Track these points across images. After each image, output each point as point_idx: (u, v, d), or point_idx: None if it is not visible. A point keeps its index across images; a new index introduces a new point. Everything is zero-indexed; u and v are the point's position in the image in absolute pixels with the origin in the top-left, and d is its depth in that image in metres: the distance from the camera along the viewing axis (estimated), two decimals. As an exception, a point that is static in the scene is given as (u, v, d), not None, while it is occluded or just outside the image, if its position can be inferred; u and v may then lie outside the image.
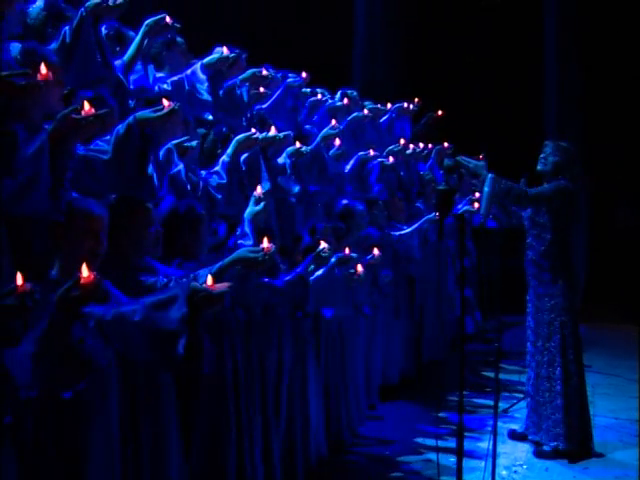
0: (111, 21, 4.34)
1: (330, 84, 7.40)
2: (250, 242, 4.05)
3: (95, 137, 3.30)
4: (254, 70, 5.19)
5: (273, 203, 5.02)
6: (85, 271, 2.58)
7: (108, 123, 3.13)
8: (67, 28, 3.81)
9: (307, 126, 6.13)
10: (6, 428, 2.59)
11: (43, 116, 3.16)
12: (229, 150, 4.48)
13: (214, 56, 4.84)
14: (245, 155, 4.63)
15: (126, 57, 4.33)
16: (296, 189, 5.23)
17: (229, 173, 4.41)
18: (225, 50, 4.92)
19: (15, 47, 3.48)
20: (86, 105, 3.01)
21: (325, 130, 5.63)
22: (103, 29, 4.16)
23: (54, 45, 3.79)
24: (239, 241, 4.07)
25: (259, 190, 4.27)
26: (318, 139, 5.57)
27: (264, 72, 5.17)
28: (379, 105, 7.75)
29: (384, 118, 7.88)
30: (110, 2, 3.85)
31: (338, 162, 5.99)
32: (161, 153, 3.80)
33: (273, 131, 4.81)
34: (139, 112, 3.39)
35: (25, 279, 2.41)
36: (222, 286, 2.85)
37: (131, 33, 4.57)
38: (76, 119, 2.97)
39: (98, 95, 3.69)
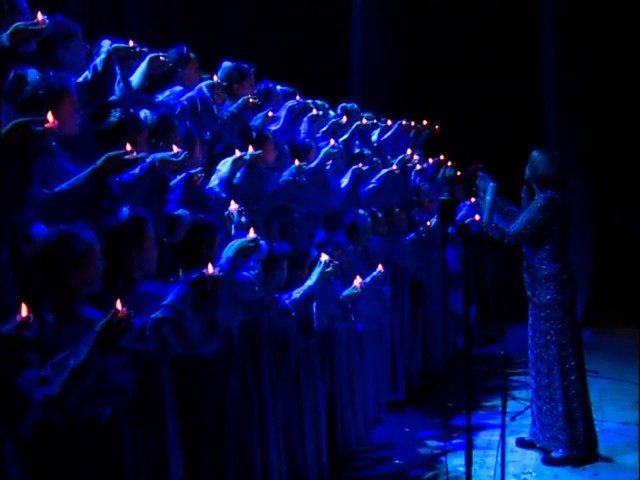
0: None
1: (328, 95, 7.45)
2: (256, 272, 4.22)
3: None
4: (245, 97, 5.40)
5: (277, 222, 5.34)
6: (119, 305, 2.78)
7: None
8: (98, 61, 4.16)
9: (307, 140, 6.19)
10: (24, 445, 2.68)
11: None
12: (226, 169, 4.68)
13: (215, 82, 5.14)
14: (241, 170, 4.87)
15: (134, 86, 4.53)
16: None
17: (228, 190, 4.63)
18: (215, 78, 5.25)
19: (33, 73, 3.58)
20: (128, 147, 3.42)
21: (327, 149, 5.84)
22: (107, 45, 4.43)
23: (87, 74, 4.11)
24: (245, 272, 4.17)
25: (234, 205, 4.40)
26: (321, 156, 5.78)
27: (251, 100, 5.40)
28: (375, 120, 7.86)
29: (389, 133, 7.98)
30: (137, 49, 4.39)
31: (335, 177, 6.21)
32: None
33: (251, 149, 4.96)
34: (160, 154, 3.88)
35: (29, 310, 2.53)
36: (217, 270, 3.47)
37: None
38: (123, 160, 3.40)
39: (131, 114, 4.03)
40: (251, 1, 10.35)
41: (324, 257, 4.78)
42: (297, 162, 5.46)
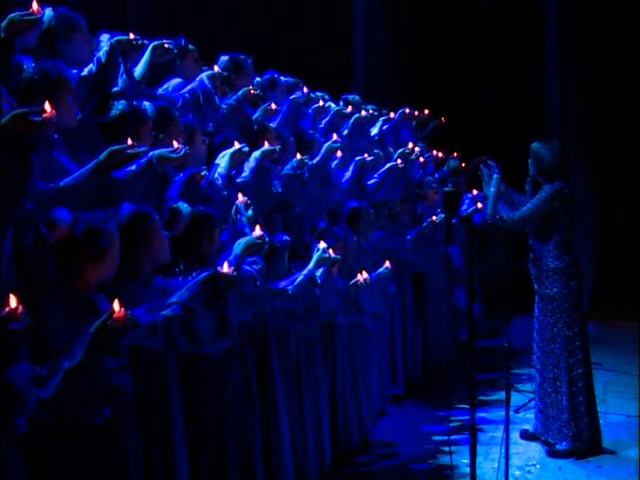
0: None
1: (331, 89, 7.43)
2: (259, 266, 4.17)
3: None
4: (246, 89, 5.35)
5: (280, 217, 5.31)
6: (117, 306, 2.70)
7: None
8: (101, 53, 4.13)
9: (310, 131, 6.17)
10: (19, 438, 2.62)
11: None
12: (225, 164, 4.63)
13: (215, 72, 5.10)
14: (251, 167, 4.83)
15: (136, 77, 4.47)
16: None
17: (227, 186, 4.60)
18: (216, 68, 5.21)
19: (29, 61, 3.57)
20: (129, 141, 3.46)
21: (329, 143, 5.79)
22: (107, 39, 4.48)
23: (92, 67, 4.09)
24: (247, 267, 4.12)
25: (242, 198, 4.32)
26: (323, 151, 5.72)
27: (252, 91, 5.35)
28: (373, 112, 7.84)
29: (386, 126, 7.94)
30: (138, 42, 4.35)
31: (340, 171, 6.16)
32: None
33: (267, 145, 4.93)
34: (158, 151, 3.83)
35: (19, 302, 2.45)
36: (232, 269, 3.48)
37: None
38: (125, 154, 3.43)
39: (134, 107, 4.02)
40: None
41: (322, 244, 4.79)
42: (299, 156, 5.41)
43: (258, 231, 3.98)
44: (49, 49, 4.11)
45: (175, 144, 3.92)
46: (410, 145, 7.34)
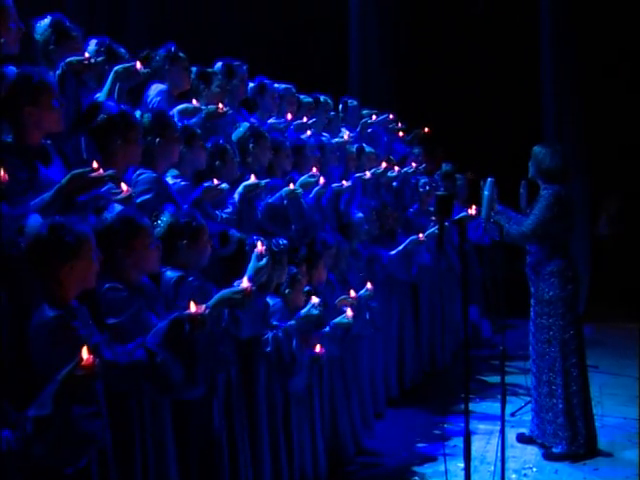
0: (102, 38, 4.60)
1: (325, 94, 7.44)
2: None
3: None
4: (211, 108, 5.10)
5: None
6: (85, 353, 2.63)
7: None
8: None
9: (302, 136, 6.13)
10: None
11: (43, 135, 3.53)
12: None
13: (188, 106, 4.98)
14: (234, 203, 4.71)
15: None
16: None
17: None
18: (195, 102, 5.07)
19: (11, 70, 3.56)
20: (95, 164, 3.32)
21: (303, 178, 5.52)
22: (94, 44, 4.48)
23: None
24: None
25: (260, 247, 4.02)
26: (296, 187, 5.36)
27: (220, 109, 5.08)
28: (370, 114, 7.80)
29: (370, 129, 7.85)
30: (92, 61, 4.06)
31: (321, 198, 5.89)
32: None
33: (253, 178, 4.81)
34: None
35: None
36: (202, 308, 3.27)
37: (122, 50, 4.65)
38: (89, 179, 3.28)
39: (122, 110, 3.94)
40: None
41: (315, 299, 4.60)
42: (292, 186, 5.20)
43: (245, 283, 3.66)
44: (42, 55, 4.13)
45: (123, 186, 3.60)
46: (384, 165, 7.19)
